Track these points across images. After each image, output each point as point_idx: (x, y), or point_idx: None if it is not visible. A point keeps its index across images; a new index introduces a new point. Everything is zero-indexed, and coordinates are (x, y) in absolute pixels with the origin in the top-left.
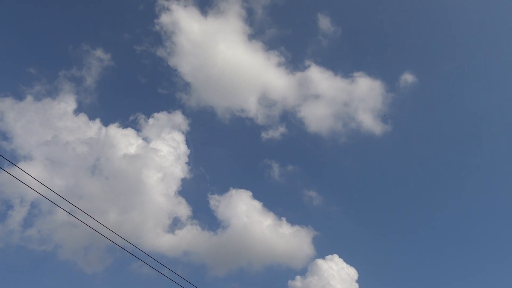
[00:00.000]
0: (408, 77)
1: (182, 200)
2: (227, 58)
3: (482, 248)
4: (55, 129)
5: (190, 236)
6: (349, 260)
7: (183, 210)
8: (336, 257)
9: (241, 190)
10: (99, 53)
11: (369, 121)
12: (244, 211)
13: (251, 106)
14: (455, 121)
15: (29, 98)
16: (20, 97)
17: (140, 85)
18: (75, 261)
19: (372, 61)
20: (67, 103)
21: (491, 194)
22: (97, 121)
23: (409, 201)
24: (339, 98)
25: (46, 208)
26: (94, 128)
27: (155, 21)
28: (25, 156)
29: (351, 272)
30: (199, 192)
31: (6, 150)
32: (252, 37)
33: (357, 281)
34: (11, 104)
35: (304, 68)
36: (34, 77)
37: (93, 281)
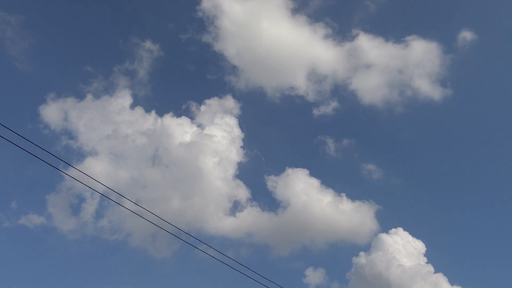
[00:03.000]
0: (466, 35)
1: (240, 183)
2: (272, 36)
3: None
4: (115, 124)
5: (251, 218)
6: (415, 233)
7: (242, 193)
8: (400, 230)
9: (297, 169)
10: (148, 44)
11: (426, 87)
12: (302, 189)
13: (301, 83)
14: None
15: (89, 96)
16: (80, 96)
17: (189, 73)
18: (145, 247)
19: (425, 22)
20: (124, 99)
21: None
22: (153, 112)
23: (475, 168)
24: (392, 66)
25: (114, 199)
26: (150, 119)
27: (197, 7)
28: (90, 152)
29: (418, 246)
30: (256, 174)
31: (73, 148)
32: (295, 11)
33: (425, 255)
34: (73, 104)
35: (353, 37)
36: (92, 75)
37: (163, 265)
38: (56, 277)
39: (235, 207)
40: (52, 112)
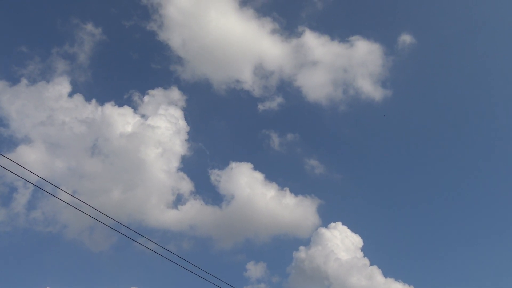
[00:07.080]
0: (406, 38)
1: (184, 175)
2: (219, 27)
3: (485, 213)
4: (51, 110)
5: (194, 211)
6: (353, 228)
7: (186, 186)
8: (339, 224)
9: (242, 162)
10: (89, 27)
11: (368, 87)
12: (246, 183)
13: (247, 77)
14: (457, 82)
15: (23, 81)
16: (13, 80)
17: (132, 61)
18: (82, 240)
19: (368, 23)
20: (62, 85)
21: (496, 160)
22: (93, 101)
23: (411, 167)
24: (337, 64)
25: (49, 190)
26: (90, 108)
27: None
28: (23, 139)
29: (356, 240)
30: (200, 167)
31: (4, 136)
32: (243, 4)
33: (362, 250)
34: (5, 88)
35: (299, 34)
36: (27, 56)
37: (100, 259)
38: None
39: (178, 200)
40: None
